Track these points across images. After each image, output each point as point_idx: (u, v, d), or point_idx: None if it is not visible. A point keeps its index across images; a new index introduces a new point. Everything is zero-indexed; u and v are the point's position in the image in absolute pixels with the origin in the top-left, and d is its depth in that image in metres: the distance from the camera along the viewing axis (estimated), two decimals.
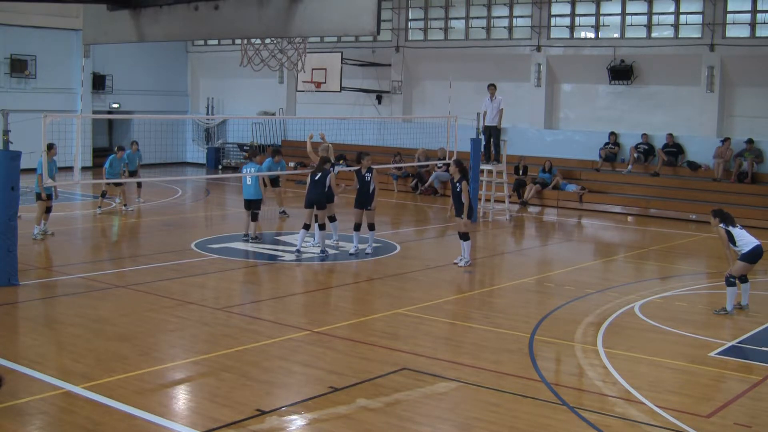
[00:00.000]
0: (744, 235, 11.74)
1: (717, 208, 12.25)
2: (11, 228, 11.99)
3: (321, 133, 17.07)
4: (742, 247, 11.64)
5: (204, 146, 34.16)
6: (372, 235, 15.59)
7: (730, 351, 9.99)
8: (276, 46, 14.23)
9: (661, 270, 15.80)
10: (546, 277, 14.28)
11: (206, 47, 34.18)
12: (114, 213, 20.11)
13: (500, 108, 20.31)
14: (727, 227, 11.74)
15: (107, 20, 12.02)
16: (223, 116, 33.81)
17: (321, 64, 26.29)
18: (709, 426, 7.51)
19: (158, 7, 11.32)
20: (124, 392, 7.83)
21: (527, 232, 20.98)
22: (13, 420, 7.14)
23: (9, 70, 28.80)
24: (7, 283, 11.93)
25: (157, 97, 33.19)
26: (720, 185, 22.80)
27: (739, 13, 23.37)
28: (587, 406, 7.91)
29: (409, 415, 7.53)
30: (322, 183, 15.18)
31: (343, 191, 18.06)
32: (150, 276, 13.27)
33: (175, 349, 9.51)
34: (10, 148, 11.92)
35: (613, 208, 23.50)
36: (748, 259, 11.62)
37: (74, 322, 10.45)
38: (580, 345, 9.97)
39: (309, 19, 9.91)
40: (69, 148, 17.09)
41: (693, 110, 24.13)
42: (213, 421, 7.23)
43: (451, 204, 14.91)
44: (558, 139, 26.41)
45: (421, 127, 27.00)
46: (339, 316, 11.18)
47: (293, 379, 8.57)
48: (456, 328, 10.85)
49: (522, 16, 26.90)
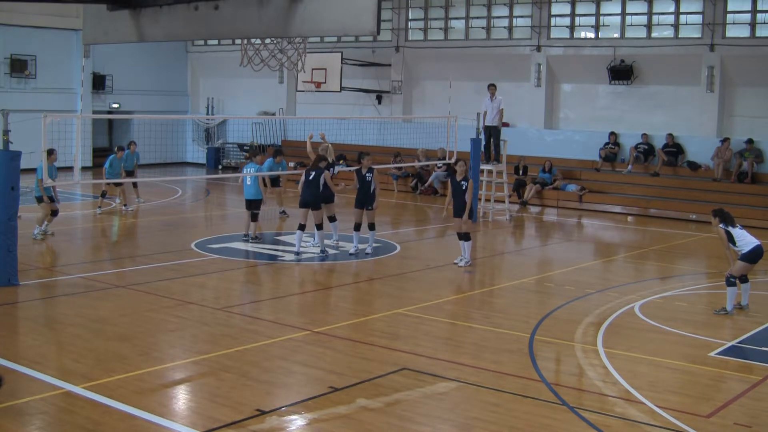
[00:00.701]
0: (744, 235, 11.74)
1: (717, 208, 12.25)
2: (11, 228, 12.00)
3: (321, 133, 17.06)
4: (743, 247, 11.65)
5: (204, 146, 34.16)
6: (372, 235, 15.58)
7: (730, 351, 9.99)
8: (276, 46, 14.22)
9: (661, 270, 15.80)
10: (546, 277, 14.28)
11: (206, 47, 34.18)
12: (114, 213, 20.12)
13: (500, 108, 20.31)
14: (727, 227, 11.74)
15: (107, 20, 12.02)
16: (223, 116, 33.81)
17: (321, 64, 26.30)
18: (709, 426, 7.51)
19: (158, 7, 11.32)
20: (124, 392, 7.83)
21: (527, 232, 20.98)
22: (13, 420, 7.14)
23: (9, 70, 28.79)
24: (7, 283, 11.93)
25: (157, 97, 33.19)
26: (720, 185, 22.80)
27: (739, 13, 23.37)
28: (587, 406, 7.91)
29: (409, 415, 7.53)
30: (316, 183, 15.02)
31: (343, 190, 18.07)
32: (150, 276, 13.27)
33: (175, 349, 9.51)
34: (10, 148, 11.92)
35: (613, 208, 23.50)
36: (749, 259, 11.63)
37: (74, 322, 10.46)
38: (580, 345, 9.97)
39: (309, 19, 9.91)
40: (69, 148, 17.10)
41: (693, 110, 24.14)
42: (213, 421, 7.23)
43: (448, 203, 14.82)
44: (558, 139, 26.41)
45: (421, 127, 27.00)
46: (339, 316, 11.18)
47: (293, 379, 8.57)
48: (456, 328, 10.85)
49: (522, 16, 26.91)
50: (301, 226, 15.00)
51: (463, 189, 14.38)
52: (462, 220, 14.50)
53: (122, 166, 20.09)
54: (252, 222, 16.36)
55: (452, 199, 14.68)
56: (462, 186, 14.39)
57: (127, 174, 20.51)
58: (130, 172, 20.82)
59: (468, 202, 14.32)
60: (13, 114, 12.02)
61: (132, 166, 21.04)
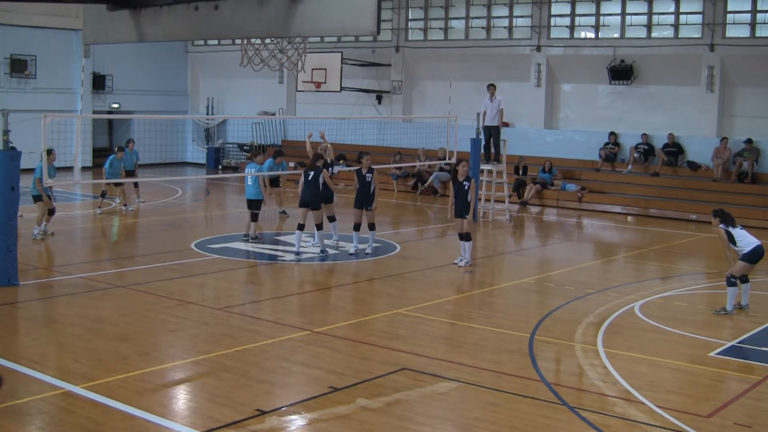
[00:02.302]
0: (745, 235, 11.74)
1: (718, 208, 12.24)
2: (11, 228, 12.00)
3: (321, 131, 17.06)
4: (743, 247, 11.65)
5: (204, 146, 34.16)
6: (372, 235, 15.57)
7: (730, 351, 9.99)
8: (276, 46, 14.22)
9: (661, 270, 15.80)
10: (546, 277, 14.28)
11: (206, 47, 34.18)
12: (114, 213, 20.11)
13: (500, 108, 20.31)
14: (727, 227, 11.74)
15: (107, 20, 12.02)
16: (223, 116, 33.81)
17: (321, 64, 26.30)
18: (709, 426, 7.51)
19: (158, 7, 11.32)
20: (124, 392, 7.83)
21: (527, 232, 20.98)
22: (13, 420, 7.14)
23: (9, 70, 28.79)
24: (7, 283, 11.93)
25: (157, 97, 33.19)
26: (720, 185, 22.81)
27: (739, 13, 23.37)
28: (587, 406, 7.91)
29: (409, 415, 7.53)
30: (315, 182, 15.00)
31: (343, 190, 18.11)
32: (150, 276, 13.27)
33: (175, 349, 9.51)
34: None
35: (613, 208, 23.50)
36: (749, 259, 11.63)
37: (74, 322, 10.46)
38: (580, 345, 9.97)
39: (309, 19, 9.91)
40: (69, 148, 17.10)
41: (693, 110, 24.13)
42: (213, 421, 7.23)
43: (451, 204, 14.78)
44: (558, 139, 26.41)
45: (421, 127, 27.00)
46: (339, 316, 11.18)
47: (293, 379, 8.57)
48: (456, 328, 10.85)
49: (522, 16, 26.90)
50: (300, 225, 14.98)
51: (465, 189, 14.37)
52: (465, 221, 14.49)
53: (122, 166, 20.08)
54: (252, 222, 16.36)
55: (454, 199, 14.66)
56: (464, 186, 14.38)
57: (128, 174, 20.50)
58: (130, 171, 20.81)
59: (471, 202, 14.31)
60: (13, 114, 12.02)
61: (132, 165, 21.03)
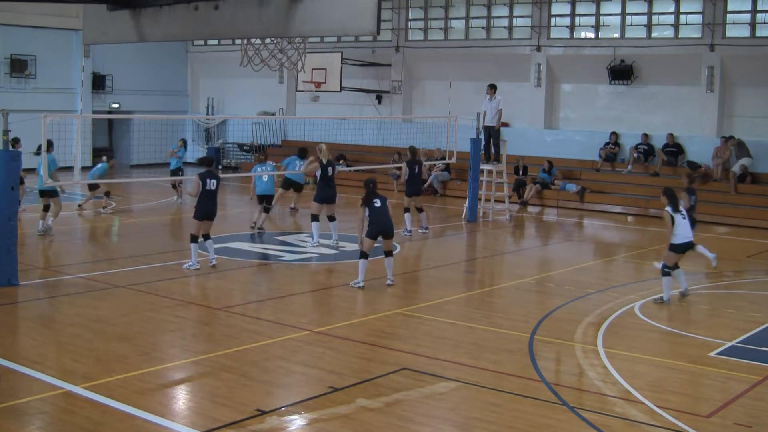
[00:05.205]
0: (684, 226, 12.01)
1: (667, 187, 12.44)
2: (11, 228, 11.98)
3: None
4: (677, 236, 11.88)
5: (204, 146, 34.12)
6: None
7: (730, 351, 9.98)
8: (276, 46, 14.22)
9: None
10: (546, 277, 14.28)
11: (206, 47, 34.17)
12: (115, 213, 20.10)
13: (500, 108, 20.29)
14: (673, 213, 11.86)
15: (107, 20, 12.04)
16: (223, 116, 33.78)
17: (321, 64, 26.30)
18: (709, 426, 7.51)
19: (158, 7, 11.34)
20: (124, 392, 7.83)
21: (527, 232, 20.97)
22: (13, 420, 7.14)
23: (9, 70, 28.77)
24: (7, 283, 11.92)
25: (157, 97, 33.16)
26: (720, 185, 22.79)
27: (739, 13, 23.35)
28: (587, 406, 7.91)
29: (409, 415, 7.53)
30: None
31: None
32: (150, 276, 13.26)
33: (175, 349, 9.51)
34: (10, 147, 11.92)
35: (613, 208, 23.49)
36: (679, 249, 12.03)
37: (74, 322, 10.46)
38: (580, 345, 9.97)
39: (309, 19, 9.92)
40: (69, 148, 17.11)
41: (693, 110, 24.12)
42: (213, 421, 7.23)
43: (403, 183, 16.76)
44: (558, 139, 26.39)
45: (421, 127, 26.98)
46: (339, 316, 11.18)
47: (293, 379, 8.57)
48: (456, 328, 10.84)
49: (522, 16, 26.88)
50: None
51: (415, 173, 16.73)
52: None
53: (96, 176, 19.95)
54: (264, 213, 17.34)
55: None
56: (415, 170, 16.67)
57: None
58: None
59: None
60: (13, 114, 12.01)
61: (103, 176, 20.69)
